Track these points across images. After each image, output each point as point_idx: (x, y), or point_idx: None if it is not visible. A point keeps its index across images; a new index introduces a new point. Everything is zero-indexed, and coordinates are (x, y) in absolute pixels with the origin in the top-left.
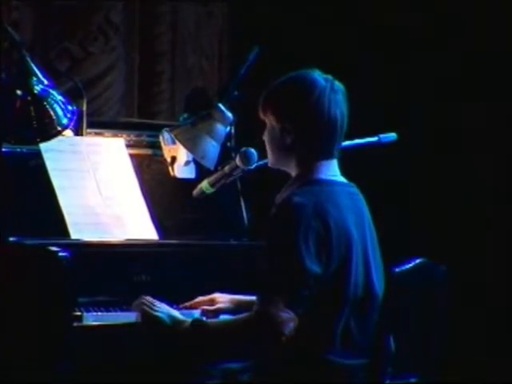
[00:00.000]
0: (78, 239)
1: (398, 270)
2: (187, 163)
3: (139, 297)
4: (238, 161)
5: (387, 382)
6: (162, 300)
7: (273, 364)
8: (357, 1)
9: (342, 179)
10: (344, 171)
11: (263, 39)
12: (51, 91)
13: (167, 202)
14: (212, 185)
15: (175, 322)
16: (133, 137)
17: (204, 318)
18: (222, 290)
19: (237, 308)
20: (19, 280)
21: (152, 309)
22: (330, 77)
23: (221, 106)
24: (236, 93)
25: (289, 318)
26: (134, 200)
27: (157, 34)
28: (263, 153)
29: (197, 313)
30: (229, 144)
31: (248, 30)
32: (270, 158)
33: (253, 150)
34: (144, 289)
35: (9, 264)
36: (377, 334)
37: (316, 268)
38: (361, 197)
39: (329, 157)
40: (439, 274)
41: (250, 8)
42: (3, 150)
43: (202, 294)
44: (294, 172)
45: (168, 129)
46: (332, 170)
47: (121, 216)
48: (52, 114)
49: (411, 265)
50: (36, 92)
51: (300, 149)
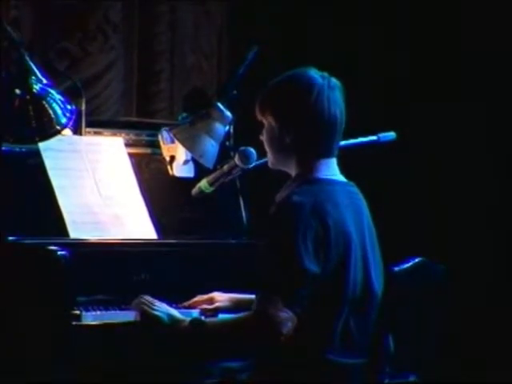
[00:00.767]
0: (77, 238)
1: (397, 269)
2: (186, 162)
3: (138, 296)
4: (236, 160)
5: (386, 381)
6: (161, 299)
7: (272, 363)
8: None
9: (341, 178)
10: (343, 170)
11: (262, 38)
12: (50, 90)
13: (166, 201)
14: (211, 184)
15: (174, 321)
16: (132, 136)
17: (203, 318)
18: (221, 289)
19: (235, 307)
20: (18, 279)
21: (151, 308)
22: (326, 74)
23: (220, 105)
24: (235, 92)
25: (287, 318)
26: (132, 199)
27: (156, 34)
28: (262, 152)
29: (196, 312)
30: (228, 143)
31: (247, 30)
32: (269, 159)
33: (252, 149)
34: (143, 288)
35: (8, 263)
36: (376, 333)
37: (314, 267)
38: (360, 196)
39: (328, 155)
40: (438, 274)
41: (248, 7)
42: (2, 149)
43: (201, 293)
44: (293, 171)
45: (167, 128)
46: (331, 169)
47: (120, 215)
48: (51, 113)
49: (410, 264)
50: (35, 91)
51: (300, 148)
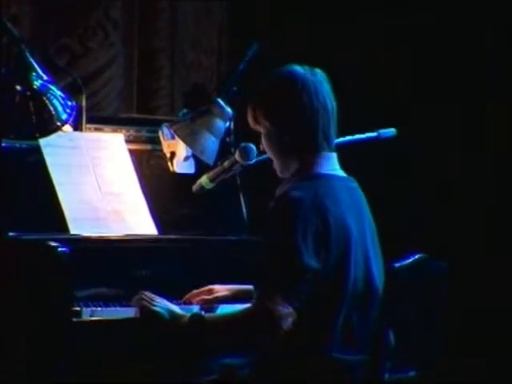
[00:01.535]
0: (78, 234)
1: (397, 265)
2: (186, 158)
3: (139, 292)
4: (237, 156)
5: (387, 376)
6: (162, 295)
7: (273, 359)
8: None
9: (341, 173)
10: (344, 167)
11: (262, 35)
12: (50, 86)
13: (166, 198)
14: (211, 180)
15: (174, 316)
16: (132, 132)
17: (203, 313)
18: (221, 285)
19: (234, 297)
20: (18, 275)
21: (151, 304)
22: (307, 66)
23: (220, 101)
24: (235, 88)
25: (287, 313)
26: (133, 195)
27: (156, 30)
28: (262, 148)
29: (196, 308)
30: (228, 139)
31: (247, 26)
32: (277, 167)
33: (252, 146)
34: (143, 284)
35: (8, 259)
36: (377, 329)
37: (314, 263)
38: (360, 191)
39: (328, 149)
40: (439, 270)
41: (248, 4)
42: (2, 145)
43: None
44: (294, 168)
45: (167, 124)
46: (332, 164)
47: (120, 211)
48: (51, 109)
49: (411, 260)
50: (35, 87)
51: (299, 144)
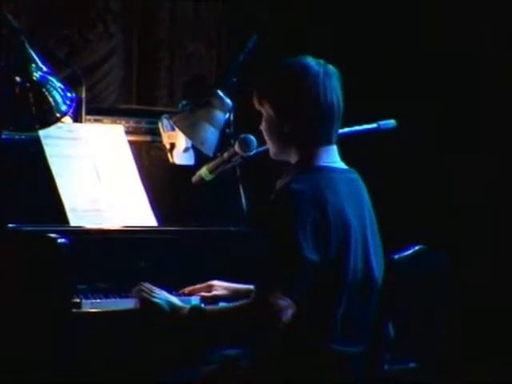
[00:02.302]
0: (77, 226)
1: (397, 256)
2: (186, 150)
3: (138, 283)
4: (237, 147)
5: (386, 367)
6: (161, 287)
7: (273, 351)
8: None
9: (341, 165)
10: (344, 158)
11: (262, 26)
12: (50, 78)
13: (166, 189)
14: (211, 171)
15: (174, 308)
16: (132, 123)
17: (202, 305)
18: (221, 277)
19: (233, 295)
20: (18, 267)
21: (151, 295)
22: (322, 61)
23: (220, 92)
24: (235, 80)
25: (287, 306)
26: (133, 187)
27: (155, 22)
28: (262, 139)
29: (195, 299)
30: (228, 131)
31: (247, 18)
32: (271, 150)
33: (252, 137)
34: (143, 275)
35: (8, 251)
36: (376, 321)
37: (314, 256)
38: (361, 183)
39: (328, 143)
40: (439, 261)
41: None
42: (2, 136)
43: (201, 281)
44: (294, 160)
45: (167, 115)
46: (332, 156)
47: (119, 202)
48: (51, 100)
49: (410, 252)
50: (35, 79)
51: (298, 136)
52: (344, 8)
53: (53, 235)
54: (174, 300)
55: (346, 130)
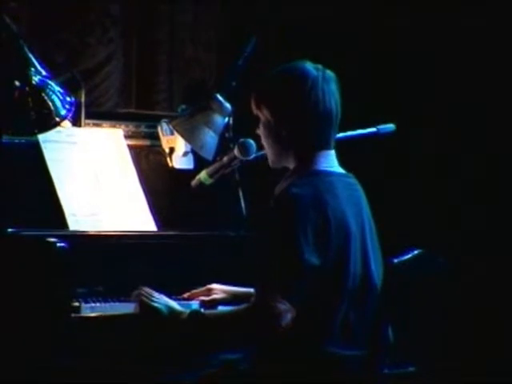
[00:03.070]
0: (76, 230)
1: (396, 260)
2: (185, 154)
3: (138, 288)
4: (236, 151)
5: (386, 371)
6: (160, 291)
7: (272, 355)
8: None
9: (340, 170)
10: (343, 162)
11: (261, 29)
12: (49, 82)
13: (165, 193)
14: (210, 176)
15: (173, 312)
16: (131, 127)
17: (202, 310)
18: (220, 281)
19: (233, 299)
20: (17, 271)
21: (150, 300)
22: (320, 66)
23: (219, 96)
24: (234, 84)
25: (286, 310)
26: (132, 191)
27: (154, 25)
28: (262, 144)
29: (195, 304)
30: (227, 135)
31: (246, 20)
32: (269, 156)
33: (251, 141)
34: (142, 280)
35: (7, 255)
36: (375, 325)
37: (314, 260)
38: (359, 187)
39: (326, 147)
40: (438, 266)
41: None
42: (1, 140)
43: (200, 285)
44: (292, 164)
45: (166, 119)
46: (330, 161)
47: (119, 207)
48: (50, 104)
49: (410, 256)
50: (34, 83)
51: (297, 141)
52: (344, 9)
53: (52, 239)
54: (174, 304)
55: (346, 134)
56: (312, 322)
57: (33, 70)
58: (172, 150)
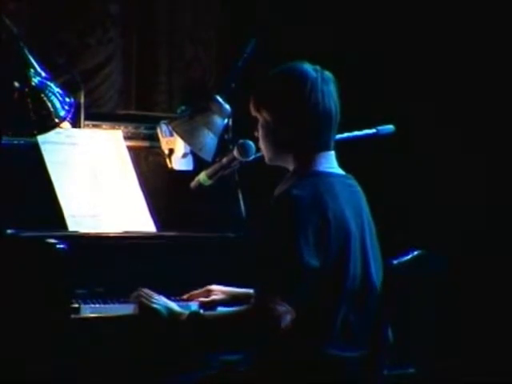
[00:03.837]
0: (76, 231)
1: (396, 261)
2: (185, 155)
3: (137, 289)
4: (235, 153)
5: (385, 372)
6: (160, 292)
7: (272, 357)
8: None
9: (339, 171)
10: (342, 163)
11: (261, 30)
12: (49, 83)
13: (165, 194)
14: (210, 177)
15: (172, 314)
16: (130, 129)
17: (201, 311)
18: (220, 283)
19: (232, 300)
20: (17, 272)
21: (150, 301)
22: (318, 67)
23: (218, 98)
24: (234, 85)
25: (286, 312)
26: (131, 192)
27: (154, 26)
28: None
29: (194, 305)
30: (226, 136)
31: (246, 21)
32: (266, 155)
33: (250, 142)
34: (142, 281)
35: (6, 256)
36: (375, 326)
37: (314, 261)
38: (359, 188)
39: (326, 148)
40: (438, 267)
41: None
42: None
43: (200, 286)
44: (291, 166)
45: (166, 121)
46: (330, 162)
47: (118, 208)
48: (50, 106)
49: (410, 257)
50: (33, 84)
51: (296, 142)
52: (343, 10)
53: (51, 240)
54: (173, 305)
55: (345, 135)
56: (312, 324)
57: (32, 71)
58: (171, 151)
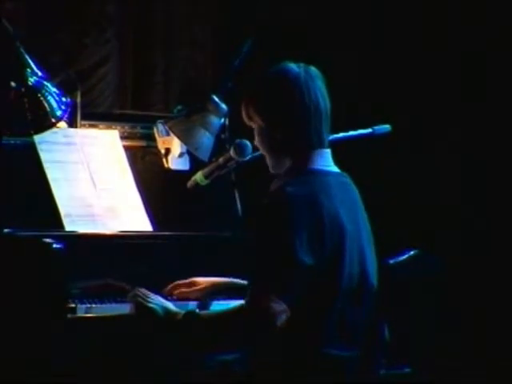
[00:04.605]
0: (72, 231)
1: (392, 261)
2: (181, 155)
3: (133, 288)
4: (232, 152)
5: (382, 372)
6: (156, 292)
7: (267, 356)
8: None
9: (335, 169)
10: (338, 163)
11: (257, 30)
12: (45, 83)
13: (161, 194)
14: (206, 176)
15: (168, 313)
16: (127, 128)
17: (197, 310)
18: None
19: (216, 290)
20: (13, 272)
21: (146, 300)
22: (302, 64)
23: (215, 97)
24: (230, 85)
25: (281, 310)
26: (128, 192)
27: (150, 26)
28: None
29: (192, 305)
30: (223, 136)
31: (242, 20)
32: (269, 164)
33: (247, 142)
34: (138, 280)
35: (3, 256)
36: (372, 325)
37: (309, 259)
38: (354, 187)
39: (320, 146)
40: (434, 266)
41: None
42: None
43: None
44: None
45: (162, 120)
46: (325, 160)
47: (115, 208)
48: (46, 105)
49: (406, 256)
50: (30, 84)
51: (291, 141)
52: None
53: (48, 240)
54: (169, 305)
55: (341, 135)
56: (307, 322)
57: (29, 71)
58: (168, 150)
